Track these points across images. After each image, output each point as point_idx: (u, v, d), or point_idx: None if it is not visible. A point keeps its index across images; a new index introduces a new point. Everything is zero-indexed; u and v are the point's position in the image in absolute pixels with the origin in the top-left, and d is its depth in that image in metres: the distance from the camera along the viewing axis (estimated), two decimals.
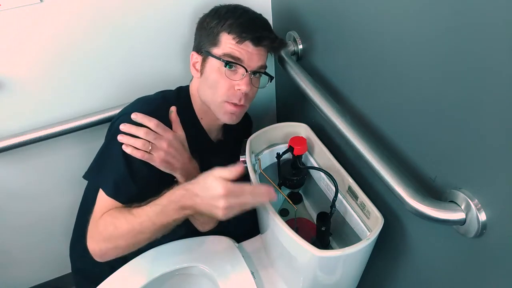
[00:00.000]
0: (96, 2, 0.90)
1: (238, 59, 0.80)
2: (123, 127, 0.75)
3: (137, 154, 0.74)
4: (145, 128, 0.75)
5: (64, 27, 0.90)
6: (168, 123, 0.80)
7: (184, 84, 0.94)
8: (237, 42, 0.79)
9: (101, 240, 0.73)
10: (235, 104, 0.84)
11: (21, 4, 0.83)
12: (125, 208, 0.75)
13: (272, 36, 0.84)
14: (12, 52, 0.88)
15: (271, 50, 0.88)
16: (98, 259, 0.76)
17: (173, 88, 0.93)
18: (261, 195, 0.68)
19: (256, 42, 0.81)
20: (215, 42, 0.81)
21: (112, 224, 0.72)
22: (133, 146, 0.74)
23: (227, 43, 0.80)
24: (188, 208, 0.70)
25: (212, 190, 0.66)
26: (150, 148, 0.75)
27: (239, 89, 0.82)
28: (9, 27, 0.85)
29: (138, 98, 0.87)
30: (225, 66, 0.80)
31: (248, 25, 0.80)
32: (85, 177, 0.82)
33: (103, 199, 0.77)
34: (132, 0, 0.92)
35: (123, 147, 0.74)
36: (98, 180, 0.79)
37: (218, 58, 0.80)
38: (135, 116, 0.76)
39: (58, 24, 0.89)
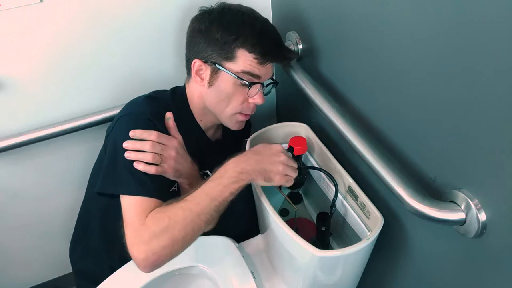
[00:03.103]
0: (95, 3, 0.90)
1: (258, 76, 0.81)
2: (127, 144, 0.73)
3: (150, 170, 0.72)
4: (150, 142, 0.73)
5: (64, 27, 0.90)
6: (164, 126, 0.79)
7: (181, 83, 0.93)
8: (259, 63, 0.79)
9: (152, 238, 0.65)
10: (246, 114, 0.87)
11: (21, 4, 0.83)
12: (171, 201, 0.71)
13: (290, 56, 0.89)
14: (12, 52, 0.88)
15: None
16: (146, 267, 0.67)
17: (170, 87, 0.92)
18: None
19: (275, 60, 0.84)
20: (229, 57, 0.79)
21: (165, 217, 0.67)
22: (145, 162, 0.72)
23: (246, 61, 0.79)
24: (247, 172, 0.71)
25: (272, 147, 0.76)
26: (160, 160, 0.74)
27: (254, 102, 0.84)
28: (9, 27, 0.85)
29: (130, 102, 0.84)
30: (245, 85, 0.81)
31: (270, 46, 0.81)
32: (101, 192, 0.76)
33: (134, 203, 0.71)
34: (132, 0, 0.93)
35: (135, 164, 0.72)
36: (118, 189, 0.73)
37: (235, 75, 0.79)
38: (133, 134, 0.73)
39: (58, 24, 0.89)
